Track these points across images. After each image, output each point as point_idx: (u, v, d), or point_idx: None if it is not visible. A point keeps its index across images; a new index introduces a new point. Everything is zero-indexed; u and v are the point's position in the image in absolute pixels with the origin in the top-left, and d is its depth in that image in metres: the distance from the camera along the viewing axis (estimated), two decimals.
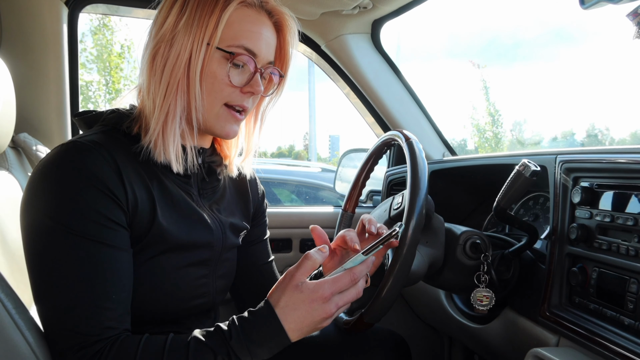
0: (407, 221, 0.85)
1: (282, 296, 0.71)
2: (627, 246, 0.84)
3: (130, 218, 0.75)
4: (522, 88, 34.39)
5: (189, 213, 0.84)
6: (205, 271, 0.88)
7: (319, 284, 0.70)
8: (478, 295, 1.03)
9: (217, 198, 0.92)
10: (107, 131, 0.80)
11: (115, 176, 0.74)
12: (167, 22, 0.79)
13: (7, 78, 0.99)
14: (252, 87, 0.82)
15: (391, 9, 1.55)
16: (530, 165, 0.92)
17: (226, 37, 0.79)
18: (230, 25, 0.79)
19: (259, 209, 1.06)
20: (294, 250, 1.77)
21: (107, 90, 9.93)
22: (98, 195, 0.71)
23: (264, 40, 0.82)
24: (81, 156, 0.72)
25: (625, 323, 0.83)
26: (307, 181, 4.18)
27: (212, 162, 0.91)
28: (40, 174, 0.73)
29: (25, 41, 1.38)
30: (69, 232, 0.69)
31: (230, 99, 0.82)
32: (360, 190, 1.24)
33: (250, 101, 0.85)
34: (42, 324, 0.71)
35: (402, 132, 1.02)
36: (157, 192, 0.80)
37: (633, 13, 0.75)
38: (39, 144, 1.30)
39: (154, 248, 0.79)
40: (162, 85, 0.78)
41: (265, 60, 0.84)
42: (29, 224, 0.72)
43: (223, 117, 0.83)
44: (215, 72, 0.79)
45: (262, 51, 0.82)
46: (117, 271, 0.72)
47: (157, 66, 0.79)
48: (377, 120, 1.83)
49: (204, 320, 0.92)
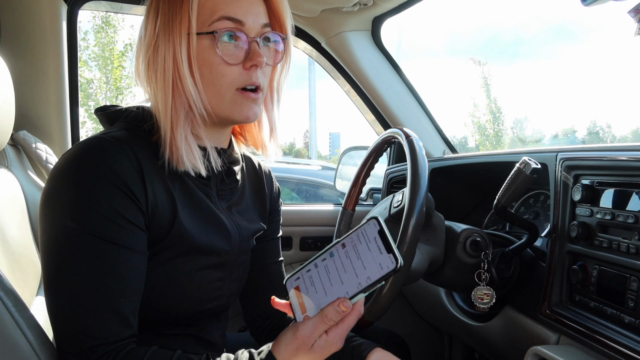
0: (407, 219, 0.85)
1: (292, 358, 0.67)
2: (627, 244, 0.84)
3: (149, 220, 0.74)
4: (523, 85, 34.37)
5: (208, 216, 0.82)
6: (221, 274, 0.87)
7: (330, 340, 0.66)
8: (479, 293, 1.03)
9: (235, 200, 0.90)
10: (130, 128, 0.78)
11: (137, 176, 0.72)
12: (148, 31, 0.77)
13: (7, 75, 0.99)
14: (253, 59, 0.76)
15: (391, 6, 1.55)
16: (531, 163, 0.92)
17: (203, 17, 0.75)
18: (204, 4, 0.75)
19: (274, 206, 1.03)
20: (294, 248, 1.77)
21: (107, 87, 9.96)
22: (118, 195, 0.70)
23: (245, 5, 0.77)
24: (104, 153, 0.71)
25: (625, 321, 0.83)
26: (308, 179, 4.18)
27: (232, 162, 0.88)
28: (63, 169, 0.71)
29: (25, 38, 1.38)
30: (86, 230, 0.68)
31: (238, 81, 0.77)
32: (360, 188, 1.24)
33: (260, 75, 0.79)
34: (51, 323, 0.71)
35: (403, 130, 1.01)
36: (179, 193, 0.78)
37: (634, 10, 0.74)
38: (39, 142, 1.30)
39: (173, 250, 0.78)
40: (159, 92, 0.76)
41: (257, 26, 0.78)
42: (48, 220, 0.71)
43: (239, 102, 0.78)
44: (208, 60, 0.76)
45: (249, 17, 0.77)
46: (130, 274, 0.71)
47: (151, 75, 0.77)
48: (377, 117, 1.83)
49: (215, 321, 0.91)
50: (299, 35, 1.73)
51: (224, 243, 0.84)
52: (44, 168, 1.28)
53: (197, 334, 0.87)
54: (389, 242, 0.66)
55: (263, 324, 1.02)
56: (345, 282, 0.67)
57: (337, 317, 0.65)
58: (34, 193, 1.10)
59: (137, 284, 0.73)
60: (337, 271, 0.69)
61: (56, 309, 0.70)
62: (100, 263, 0.69)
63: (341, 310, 0.65)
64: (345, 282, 0.67)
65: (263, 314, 1.02)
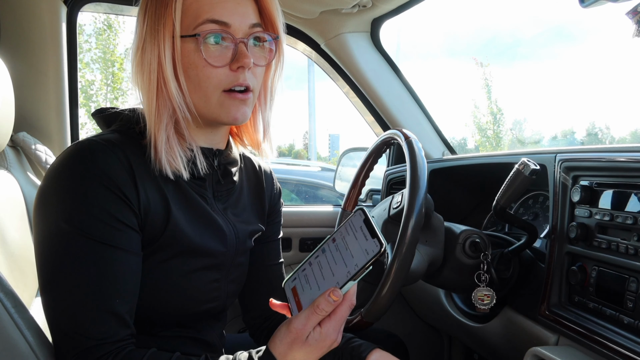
0: (406, 220, 0.85)
1: (288, 352, 0.68)
2: (626, 245, 0.84)
3: (142, 220, 0.74)
4: (522, 87, 34.38)
5: (203, 217, 0.82)
6: (218, 276, 0.86)
7: (325, 332, 0.68)
8: (479, 295, 1.03)
9: (232, 201, 0.90)
10: (124, 131, 0.79)
11: (129, 178, 0.73)
12: (137, 33, 0.77)
13: (6, 77, 0.99)
14: (239, 60, 0.75)
15: (391, 7, 1.55)
16: (530, 164, 0.92)
17: (189, 21, 0.74)
18: (189, 7, 0.74)
19: (274, 207, 1.02)
20: (294, 249, 1.78)
21: (107, 89, 10.00)
22: (109, 197, 0.71)
23: (231, 6, 0.75)
24: (95, 156, 0.71)
25: (624, 322, 0.83)
26: (307, 180, 4.19)
27: (228, 163, 0.88)
28: (56, 170, 0.72)
29: (24, 40, 1.38)
30: (78, 232, 0.69)
31: (224, 83, 0.76)
32: (359, 189, 1.24)
33: (249, 76, 0.78)
34: (47, 323, 0.71)
35: (402, 131, 1.02)
36: (172, 194, 0.78)
37: (632, 11, 0.75)
38: (38, 143, 1.30)
39: (167, 251, 0.78)
40: (145, 94, 0.76)
41: (244, 27, 0.76)
42: (40, 222, 0.72)
43: (226, 103, 0.77)
44: (193, 62, 0.75)
45: (235, 17, 0.75)
46: (125, 274, 0.72)
47: (138, 77, 0.77)
48: (376, 119, 1.83)
49: (212, 322, 0.91)
50: (298, 36, 1.73)
51: (219, 244, 0.84)
52: (43, 169, 1.28)
53: (194, 335, 0.87)
54: (373, 228, 0.68)
55: (262, 325, 1.02)
56: (335, 274, 0.69)
57: (329, 307, 0.66)
58: (34, 194, 1.10)
59: (132, 284, 0.73)
60: (328, 265, 0.71)
61: (51, 309, 0.70)
62: (93, 264, 0.69)
63: (332, 299, 0.66)
64: (335, 274, 0.69)
65: (262, 315, 1.01)
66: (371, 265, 0.67)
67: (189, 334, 0.86)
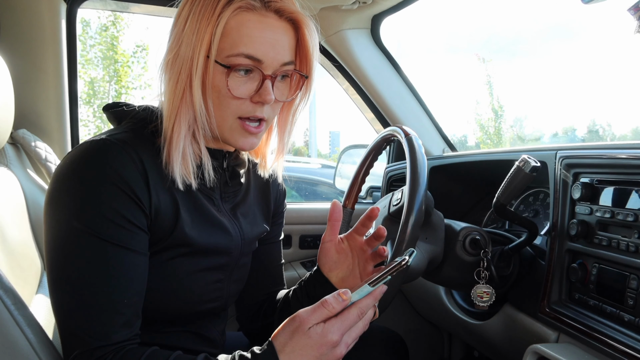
0: (406, 217, 0.85)
1: (288, 341, 0.66)
2: (627, 242, 0.84)
3: (151, 222, 0.75)
4: (522, 83, 34.34)
5: (210, 219, 0.82)
6: (221, 276, 0.87)
7: (327, 328, 0.66)
8: (478, 292, 1.03)
9: (238, 201, 0.90)
10: (136, 129, 0.79)
11: (141, 178, 0.73)
12: (174, 34, 0.76)
13: (6, 74, 0.99)
14: (261, 96, 0.76)
15: (391, 3, 1.55)
16: (530, 161, 0.92)
17: (225, 46, 0.74)
18: (228, 33, 0.74)
19: (278, 208, 1.03)
20: (294, 246, 1.78)
21: (110, 87, 10.01)
22: (121, 197, 0.71)
23: (268, 43, 0.75)
24: (108, 156, 0.71)
25: (625, 319, 0.83)
26: (307, 177, 4.19)
27: (236, 165, 0.89)
28: (68, 169, 0.72)
29: (24, 37, 1.38)
30: (89, 232, 0.69)
31: (241, 111, 0.77)
32: (360, 186, 1.24)
33: (267, 110, 0.78)
34: (56, 322, 0.71)
35: (402, 128, 1.01)
36: (181, 195, 0.79)
37: (634, 7, 0.74)
38: (38, 140, 1.30)
39: (174, 251, 0.78)
40: (170, 92, 0.76)
41: (275, 64, 0.76)
42: (51, 220, 0.72)
43: (237, 130, 0.78)
44: (218, 86, 0.75)
45: (268, 55, 0.75)
46: (132, 274, 0.72)
47: (167, 73, 0.77)
48: (376, 116, 1.83)
49: (214, 320, 0.92)
50: None
51: (225, 245, 0.84)
52: (43, 166, 1.28)
53: (197, 331, 0.88)
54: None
55: (258, 325, 1.02)
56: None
57: (337, 304, 0.67)
58: (34, 191, 1.10)
59: (140, 285, 0.74)
60: None
61: (60, 308, 0.70)
62: (103, 265, 0.70)
63: (340, 298, 0.67)
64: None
65: (256, 301, 1.02)
66: (389, 276, 0.68)
67: (191, 329, 0.87)
